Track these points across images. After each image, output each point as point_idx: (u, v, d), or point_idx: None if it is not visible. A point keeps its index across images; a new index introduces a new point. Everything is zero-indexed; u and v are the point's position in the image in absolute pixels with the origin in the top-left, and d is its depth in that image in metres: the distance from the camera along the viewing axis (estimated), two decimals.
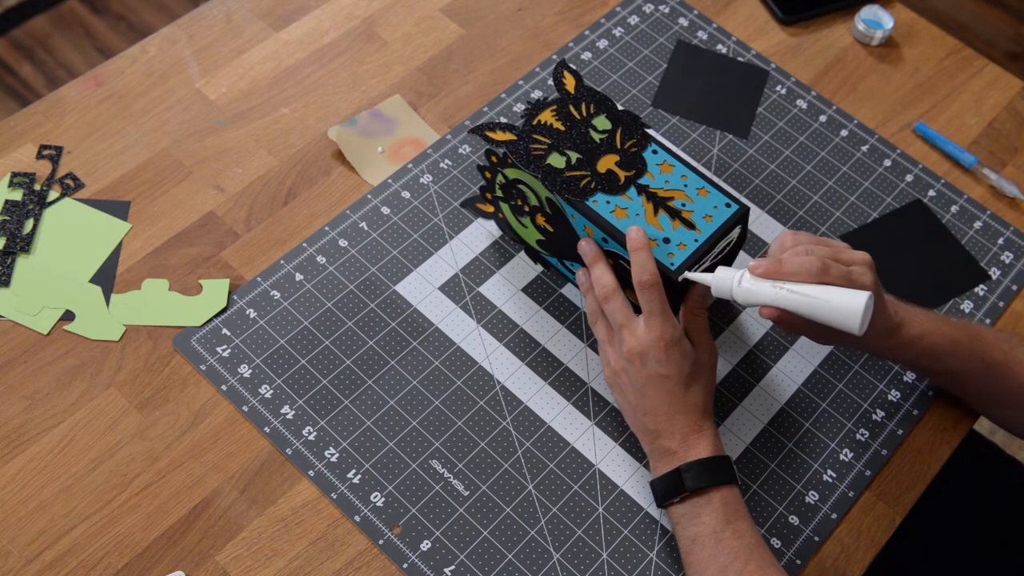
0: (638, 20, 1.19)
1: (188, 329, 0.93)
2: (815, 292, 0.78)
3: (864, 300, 0.77)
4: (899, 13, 1.22)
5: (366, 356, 0.93)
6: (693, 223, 0.85)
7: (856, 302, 0.77)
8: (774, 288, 0.79)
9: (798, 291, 0.78)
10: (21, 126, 1.04)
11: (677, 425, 0.82)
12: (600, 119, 0.90)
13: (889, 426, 0.93)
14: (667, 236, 0.85)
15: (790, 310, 0.79)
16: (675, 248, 0.84)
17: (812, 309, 0.78)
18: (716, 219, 0.86)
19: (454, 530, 0.85)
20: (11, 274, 0.95)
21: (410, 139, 1.07)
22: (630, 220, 0.85)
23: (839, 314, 0.77)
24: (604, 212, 0.85)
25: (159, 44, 1.12)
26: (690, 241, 0.85)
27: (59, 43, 2.17)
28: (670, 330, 0.82)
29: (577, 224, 0.87)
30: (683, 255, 0.84)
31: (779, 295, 0.79)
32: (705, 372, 0.84)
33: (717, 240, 0.85)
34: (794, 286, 0.79)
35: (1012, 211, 1.08)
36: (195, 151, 1.05)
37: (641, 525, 0.86)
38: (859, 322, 0.77)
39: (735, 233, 0.87)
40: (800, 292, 0.78)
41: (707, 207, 0.86)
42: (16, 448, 0.87)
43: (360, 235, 1.00)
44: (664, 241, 0.84)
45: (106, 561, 0.82)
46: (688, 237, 0.85)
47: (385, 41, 1.15)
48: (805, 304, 0.78)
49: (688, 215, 0.86)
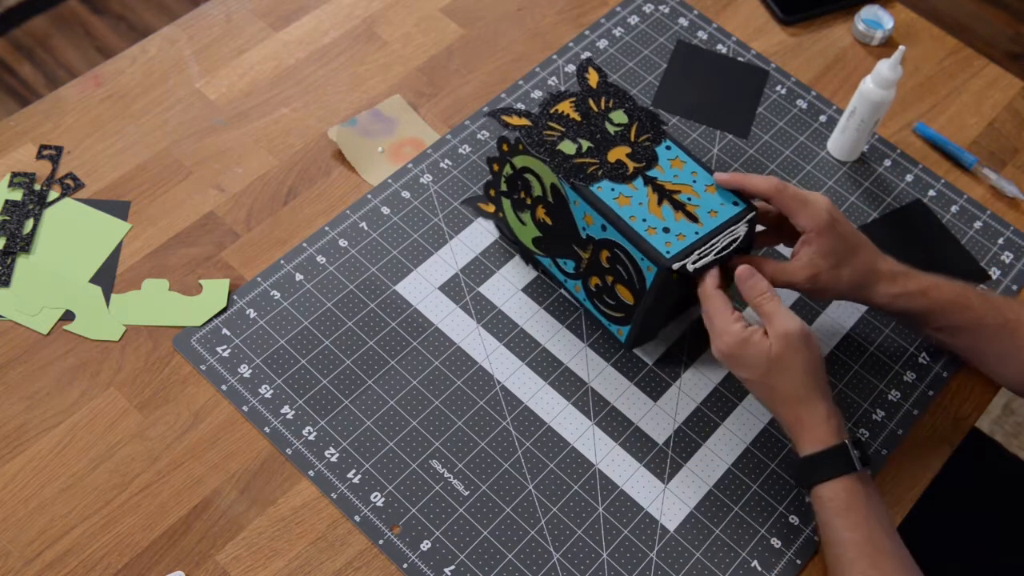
0: (638, 20, 1.19)
1: (188, 329, 0.93)
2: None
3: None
4: (899, 13, 1.22)
5: (366, 356, 0.93)
6: (697, 216, 0.85)
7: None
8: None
9: None
10: (21, 126, 1.04)
11: (782, 418, 0.82)
12: (618, 113, 0.91)
13: (889, 426, 0.93)
14: (667, 226, 0.84)
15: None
16: (674, 238, 0.84)
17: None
18: (721, 215, 0.85)
19: (454, 530, 0.85)
20: (11, 274, 0.95)
21: (410, 139, 1.07)
22: (632, 208, 0.85)
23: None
24: (607, 198, 0.85)
25: (159, 44, 1.12)
26: (690, 233, 0.84)
27: (59, 43, 2.17)
28: (724, 341, 0.81)
29: (577, 212, 0.87)
30: (680, 245, 0.83)
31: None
32: (787, 361, 0.80)
33: (717, 234, 0.85)
34: None
35: (1012, 211, 1.08)
36: (195, 151, 1.05)
37: (641, 525, 0.86)
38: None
39: (740, 230, 0.86)
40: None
41: (714, 203, 0.86)
42: (16, 448, 0.87)
43: (360, 235, 1.00)
44: (664, 231, 0.84)
45: (106, 561, 0.82)
46: (689, 229, 0.84)
47: (385, 41, 1.15)
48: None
49: (693, 209, 0.85)
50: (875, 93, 1.01)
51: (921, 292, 0.87)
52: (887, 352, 0.97)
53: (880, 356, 0.97)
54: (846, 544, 0.77)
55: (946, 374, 0.97)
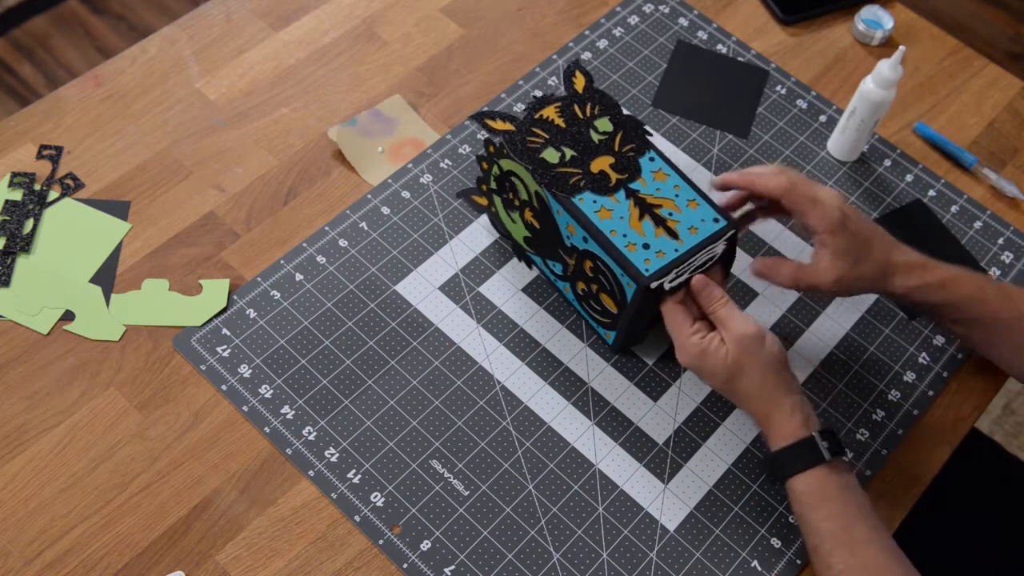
0: (638, 20, 1.19)
1: (188, 329, 0.93)
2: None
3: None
4: (899, 13, 1.22)
5: (366, 356, 0.93)
6: (676, 233, 0.85)
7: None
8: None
9: None
10: (21, 126, 1.04)
11: (752, 416, 0.83)
12: (603, 121, 0.90)
13: (889, 426, 0.93)
14: (647, 242, 0.84)
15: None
16: (653, 255, 0.84)
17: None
18: (701, 232, 0.85)
19: (454, 530, 0.85)
20: (11, 274, 0.95)
21: (410, 139, 1.07)
22: (613, 222, 0.85)
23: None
24: (589, 211, 0.85)
25: (159, 44, 1.12)
26: (670, 250, 0.84)
27: (59, 43, 2.17)
28: (685, 353, 0.83)
29: (561, 221, 0.87)
30: (660, 263, 0.83)
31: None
32: (747, 364, 0.81)
33: (696, 252, 0.84)
34: None
35: (1012, 211, 1.08)
36: (195, 151, 1.05)
37: (641, 525, 0.86)
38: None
39: (719, 248, 0.86)
40: None
41: (694, 219, 0.86)
42: (16, 448, 0.87)
43: (360, 235, 1.00)
44: (644, 247, 0.84)
45: (106, 561, 0.82)
46: (669, 246, 0.84)
47: (385, 41, 1.15)
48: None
49: (673, 224, 0.85)
50: (875, 93, 1.01)
51: (940, 284, 0.87)
52: (887, 352, 0.98)
53: (880, 356, 0.97)
54: (823, 535, 0.78)
55: (946, 374, 0.97)
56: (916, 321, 0.99)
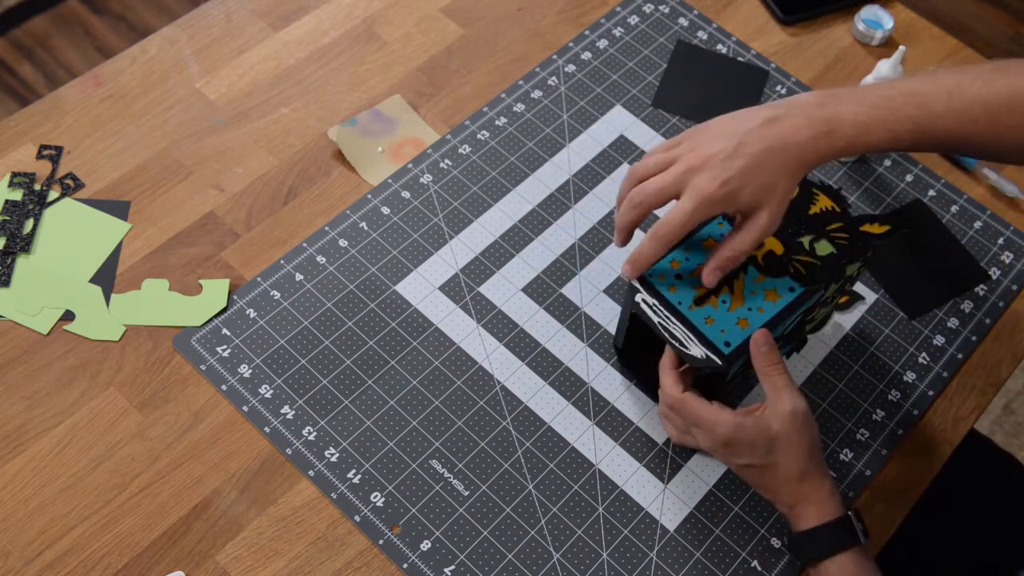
0: (638, 20, 1.19)
1: (188, 329, 0.93)
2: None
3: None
4: (899, 13, 1.22)
5: (366, 356, 0.93)
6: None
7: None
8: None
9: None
10: (21, 126, 1.04)
11: (783, 497, 0.80)
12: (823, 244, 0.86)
13: (889, 426, 0.93)
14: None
15: None
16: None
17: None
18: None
19: (454, 530, 0.85)
20: (11, 274, 0.95)
21: (410, 139, 1.07)
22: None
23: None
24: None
25: (159, 44, 1.12)
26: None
27: (59, 43, 2.17)
28: (720, 431, 0.79)
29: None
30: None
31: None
32: (792, 438, 0.78)
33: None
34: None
35: (1012, 211, 1.08)
36: (195, 151, 1.05)
37: (641, 525, 0.87)
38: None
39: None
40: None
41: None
42: (16, 448, 0.87)
43: (360, 235, 1.00)
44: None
45: (106, 561, 0.82)
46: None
47: (385, 41, 1.15)
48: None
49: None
50: None
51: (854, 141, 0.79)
52: (887, 352, 0.98)
53: (880, 356, 0.97)
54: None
55: (946, 374, 0.97)
56: (916, 321, 0.99)
